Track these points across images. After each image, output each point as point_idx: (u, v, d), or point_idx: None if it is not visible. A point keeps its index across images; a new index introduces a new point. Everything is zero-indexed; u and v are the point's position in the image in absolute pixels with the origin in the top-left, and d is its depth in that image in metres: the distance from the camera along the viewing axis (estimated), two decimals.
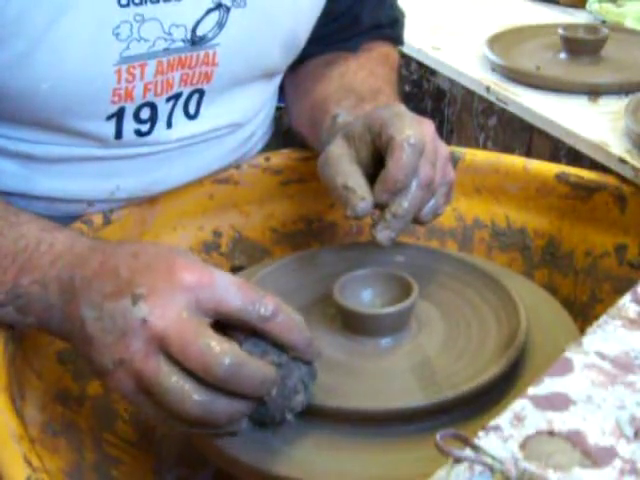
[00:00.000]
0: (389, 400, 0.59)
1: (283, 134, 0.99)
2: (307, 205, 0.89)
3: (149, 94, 0.72)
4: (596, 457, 0.40)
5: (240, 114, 0.83)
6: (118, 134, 0.73)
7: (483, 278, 0.71)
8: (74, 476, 0.60)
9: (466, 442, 0.41)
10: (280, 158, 0.88)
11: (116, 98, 0.71)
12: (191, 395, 0.50)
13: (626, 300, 0.53)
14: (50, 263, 0.58)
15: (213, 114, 0.79)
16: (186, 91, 0.75)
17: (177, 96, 0.75)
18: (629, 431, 0.42)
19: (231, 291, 0.52)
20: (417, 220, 0.68)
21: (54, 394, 0.67)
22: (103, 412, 0.70)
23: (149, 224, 0.81)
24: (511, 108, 1.11)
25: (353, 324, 0.64)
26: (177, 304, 0.51)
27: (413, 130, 0.65)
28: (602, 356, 0.47)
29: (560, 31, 1.20)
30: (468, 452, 0.41)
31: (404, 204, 0.65)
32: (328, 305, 0.67)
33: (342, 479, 0.55)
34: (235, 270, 0.84)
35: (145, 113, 0.74)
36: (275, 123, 1.01)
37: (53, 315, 0.57)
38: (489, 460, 0.40)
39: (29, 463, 0.50)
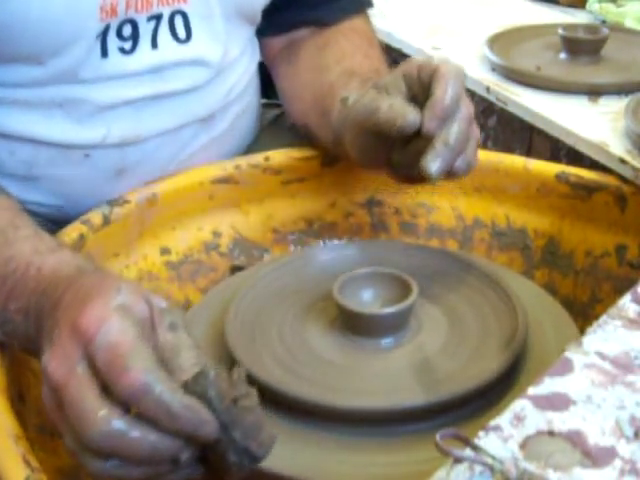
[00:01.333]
0: (389, 400, 0.59)
1: (286, 131, 0.99)
2: (307, 205, 0.88)
3: (130, 10, 0.75)
4: (596, 457, 0.40)
5: (222, 50, 0.84)
6: (104, 52, 0.76)
7: (483, 278, 0.71)
8: (72, 477, 0.60)
9: (466, 442, 0.41)
10: (280, 158, 0.88)
11: (103, 15, 0.73)
12: (88, 462, 0.47)
13: (626, 300, 0.53)
14: (33, 290, 0.57)
15: (200, 41, 0.81)
16: (166, 11, 0.78)
17: (158, 17, 0.77)
18: (629, 431, 0.42)
19: (103, 350, 0.46)
20: (450, 173, 0.67)
21: None
22: None
23: (148, 224, 0.81)
24: (511, 108, 1.11)
25: (353, 324, 0.64)
26: (71, 357, 0.47)
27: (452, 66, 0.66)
28: (602, 356, 0.47)
29: (560, 31, 1.20)
30: (468, 452, 0.41)
31: (453, 132, 0.64)
32: (328, 305, 0.67)
33: (342, 479, 0.55)
34: (235, 270, 0.84)
35: (127, 30, 0.76)
36: (276, 121, 1.01)
37: (31, 344, 0.56)
38: (489, 460, 0.40)
39: (28, 463, 0.50)
